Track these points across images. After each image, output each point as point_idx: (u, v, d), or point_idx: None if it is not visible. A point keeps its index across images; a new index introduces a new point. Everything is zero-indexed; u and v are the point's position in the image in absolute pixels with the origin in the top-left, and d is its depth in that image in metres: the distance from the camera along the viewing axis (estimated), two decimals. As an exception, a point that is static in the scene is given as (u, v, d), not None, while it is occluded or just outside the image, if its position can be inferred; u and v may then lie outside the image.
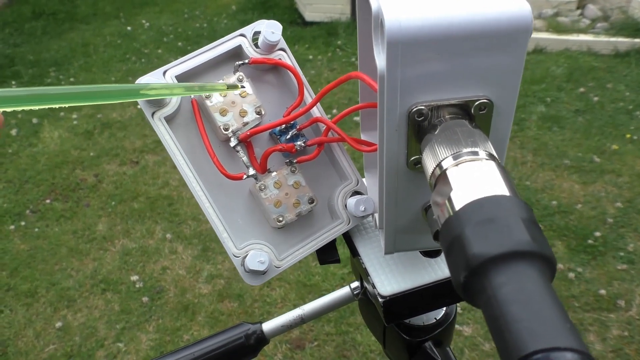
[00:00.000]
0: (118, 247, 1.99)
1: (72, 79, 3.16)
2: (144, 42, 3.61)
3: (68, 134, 2.66)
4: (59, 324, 1.70)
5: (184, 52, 3.44)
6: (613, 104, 2.67)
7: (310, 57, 3.25)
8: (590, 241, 1.89)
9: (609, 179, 2.19)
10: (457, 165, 0.29)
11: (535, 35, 3.24)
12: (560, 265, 1.81)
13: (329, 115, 2.31)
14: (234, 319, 1.71)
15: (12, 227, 2.09)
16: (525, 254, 0.24)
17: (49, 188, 2.29)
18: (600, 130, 2.48)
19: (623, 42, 3.16)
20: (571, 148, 2.38)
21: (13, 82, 3.12)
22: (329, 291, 1.79)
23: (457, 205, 0.27)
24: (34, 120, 2.75)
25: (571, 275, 1.77)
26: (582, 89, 2.79)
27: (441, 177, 0.30)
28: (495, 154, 0.30)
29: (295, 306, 1.73)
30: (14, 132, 2.66)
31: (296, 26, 3.67)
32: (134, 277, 1.85)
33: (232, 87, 0.41)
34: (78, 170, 2.40)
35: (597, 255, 1.85)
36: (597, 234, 1.91)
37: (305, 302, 1.79)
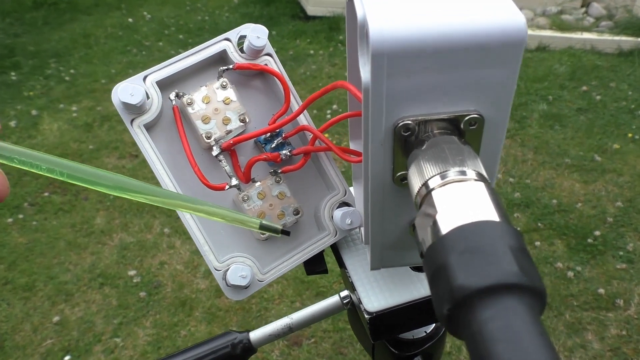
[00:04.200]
0: (116, 241, 1.99)
1: (72, 71, 3.14)
2: (145, 34, 3.59)
3: (67, 127, 2.65)
4: (56, 318, 1.70)
5: (185, 44, 3.42)
6: (616, 103, 2.64)
7: (312, 51, 3.22)
8: (589, 240, 1.88)
9: (610, 178, 2.17)
10: (443, 185, 0.28)
11: (538, 32, 3.21)
12: (559, 264, 1.80)
13: (329, 111, 2.27)
14: (230, 315, 1.71)
15: (10, 220, 2.09)
16: (513, 287, 0.22)
17: (48, 181, 2.28)
18: (602, 129, 2.46)
19: (627, 41, 3.14)
20: (572, 147, 2.36)
21: (12, 73, 3.10)
22: (326, 288, 1.79)
23: (442, 230, 0.25)
24: (33, 112, 2.74)
25: (570, 274, 1.76)
26: (584, 88, 2.77)
27: (427, 197, 0.28)
28: (485, 174, 0.29)
29: (292, 303, 1.73)
30: (13, 123, 2.65)
31: (298, 20, 3.64)
32: (132, 272, 1.85)
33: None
34: (77, 163, 2.39)
35: (597, 255, 1.84)
36: (597, 233, 1.90)
37: (302, 299, 1.79)
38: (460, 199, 0.27)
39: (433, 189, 0.28)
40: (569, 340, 1.57)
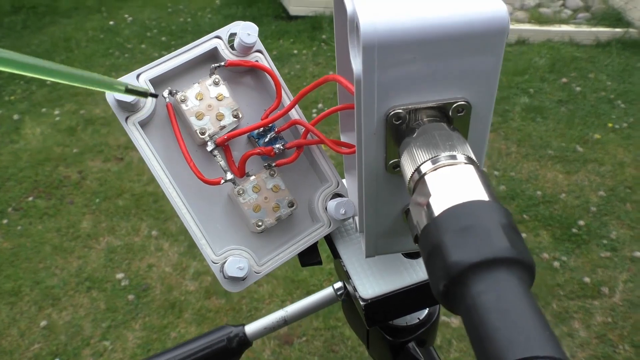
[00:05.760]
0: (103, 245, 1.97)
1: (53, 75, 3.11)
2: (127, 37, 3.56)
3: (50, 130, 2.62)
4: (43, 323, 1.69)
5: (168, 47, 3.40)
6: (595, 94, 2.69)
7: (295, 51, 3.23)
8: (574, 230, 1.91)
9: (592, 168, 2.21)
10: (435, 169, 0.29)
11: (517, 26, 3.25)
12: (545, 255, 1.83)
13: (314, 110, 2.27)
14: (221, 316, 1.71)
15: (-6, 226, 2.07)
16: (505, 261, 0.23)
17: (32, 185, 2.26)
18: (583, 120, 2.50)
19: (604, 32, 3.19)
20: (554, 138, 2.39)
21: (-7, 79, 3.07)
22: (316, 286, 1.80)
23: (436, 212, 0.26)
24: (15, 117, 2.71)
25: (556, 264, 1.79)
26: (564, 80, 2.81)
27: (420, 182, 0.29)
28: (473, 157, 0.30)
29: (282, 302, 1.73)
30: (-6, 129, 2.62)
31: (280, 20, 3.64)
32: (120, 275, 1.84)
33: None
34: (61, 167, 2.37)
35: (581, 244, 1.87)
36: (581, 222, 1.94)
37: (292, 298, 1.79)
38: (451, 181, 0.28)
39: (425, 174, 0.29)
40: (556, 329, 1.59)
